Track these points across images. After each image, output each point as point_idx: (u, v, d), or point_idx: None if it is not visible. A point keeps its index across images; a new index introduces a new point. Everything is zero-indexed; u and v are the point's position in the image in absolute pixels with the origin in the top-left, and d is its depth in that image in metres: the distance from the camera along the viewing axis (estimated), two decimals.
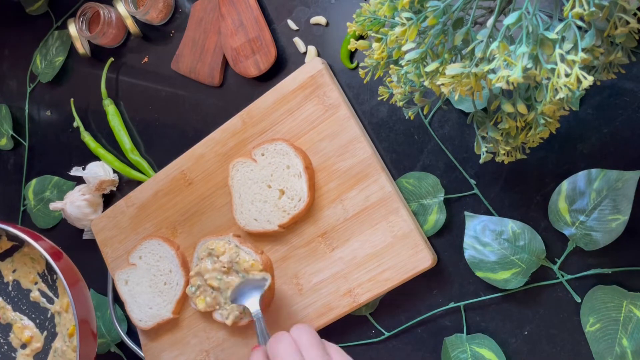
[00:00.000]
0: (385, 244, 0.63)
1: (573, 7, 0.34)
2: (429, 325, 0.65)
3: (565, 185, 0.56)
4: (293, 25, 0.73)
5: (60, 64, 0.90)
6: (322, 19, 0.71)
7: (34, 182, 0.92)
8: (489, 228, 0.60)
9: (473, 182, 0.62)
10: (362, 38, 0.67)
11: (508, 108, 0.43)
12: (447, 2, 0.39)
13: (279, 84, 0.69)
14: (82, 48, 0.87)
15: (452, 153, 0.63)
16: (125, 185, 0.85)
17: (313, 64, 0.67)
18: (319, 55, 0.71)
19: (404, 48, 0.40)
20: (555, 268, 0.58)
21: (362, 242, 0.64)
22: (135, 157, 0.82)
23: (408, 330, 0.66)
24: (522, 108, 0.42)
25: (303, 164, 0.66)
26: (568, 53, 0.35)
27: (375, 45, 0.46)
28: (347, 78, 0.69)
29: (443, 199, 0.63)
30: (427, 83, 0.42)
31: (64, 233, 0.90)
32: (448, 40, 0.41)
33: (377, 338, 0.67)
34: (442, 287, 0.64)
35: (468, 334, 0.62)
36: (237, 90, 0.76)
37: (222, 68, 0.77)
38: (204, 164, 0.74)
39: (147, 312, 0.76)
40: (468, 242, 0.60)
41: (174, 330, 0.76)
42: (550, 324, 0.59)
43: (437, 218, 0.63)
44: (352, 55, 0.69)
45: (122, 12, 0.82)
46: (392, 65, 0.48)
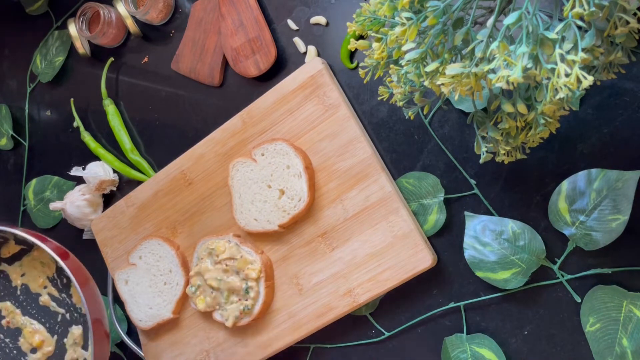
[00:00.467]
0: (385, 244, 0.63)
1: (573, 7, 0.34)
2: (429, 325, 0.65)
3: (565, 185, 0.56)
4: (293, 25, 0.73)
5: (60, 64, 0.90)
6: (322, 19, 0.71)
7: (34, 182, 0.92)
8: (489, 228, 0.60)
9: (473, 182, 0.62)
10: (362, 38, 0.67)
11: (508, 108, 0.43)
12: (447, 2, 0.39)
13: (279, 84, 0.69)
14: (82, 48, 0.87)
15: (452, 153, 0.63)
16: (125, 185, 0.85)
17: (313, 64, 0.67)
18: (319, 55, 0.71)
19: (404, 48, 0.40)
20: (555, 268, 0.58)
21: (362, 242, 0.64)
22: (135, 157, 0.82)
23: (408, 330, 0.66)
24: (522, 108, 0.42)
25: (303, 164, 0.66)
26: (568, 53, 0.35)
27: (375, 45, 0.46)
28: (347, 78, 0.69)
29: (443, 199, 0.63)
30: (427, 83, 0.42)
31: (64, 233, 0.90)
32: (448, 40, 0.41)
33: (377, 338, 0.67)
34: (442, 287, 0.64)
35: (468, 334, 0.62)
36: (237, 90, 0.76)
37: (222, 68, 0.77)
38: (204, 164, 0.74)
39: (147, 312, 0.76)
40: (468, 242, 0.60)
41: (174, 330, 0.76)
42: (550, 324, 0.59)
43: (437, 218, 0.63)
44: (352, 55, 0.69)
45: (122, 12, 0.82)
46: (392, 65, 0.48)
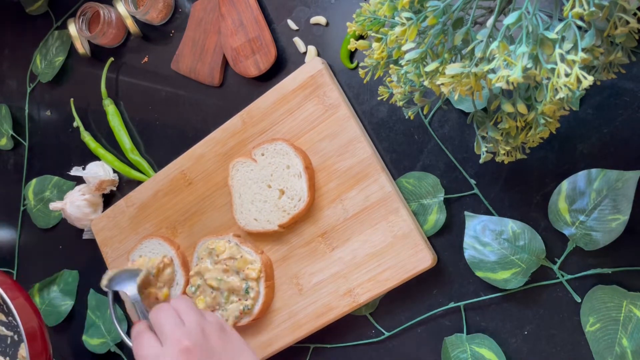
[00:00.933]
0: (385, 244, 0.63)
1: (573, 7, 0.34)
2: (429, 325, 0.65)
3: (565, 185, 0.56)
4: (293, 25, 0.73)
5: (60, 64, 0.90)
6: (322, 19, 0.71)
7: (34, 182, 0.92)
8: (489, 228, 0.60)
9: (473, 182, 0.62)
10: (362, 38, 0.67)
11: (508, 108, 0.43)
12: (447, 2, 0.39)
13: (279, 84, 0.69)
14: (82, 48, 0.87)
15: (452, 153, 0.63)
16: (125, 185, 0.85)
17: (313, 64, 0.67)
18: (319, 55, 0.71)
19: (404, 48, 0.40)
20: (555, 268, 0.58)
21: (362, 242, 0.64)
22: (135, 157, 0.82)
23: (408, 330, 0.66)
24: (522, 108, 0.42)
25: (303, 164, 0.66)
26: (568, 53, 0.35)
27: (375, 45, 0.46)
28: (347, 78, 0.69)
29: (443, 199, 0.63)
30: (427, 83, 0.42)
31: (64, 233, 0.90)
32: (448, 40, 0.41)
33: (377, 338, 0.67)
34: (442, 287, 0.64)
35: (468, 334, 0.62)
36: (237, 90, 0.76)
37: (222, 68, 0.77)
38: (204, 164, 0.74)
39: None
40: (468, 242, 0.60)
41: None
42: (550, 324, 0.59)
43: (437, 218, 0.63)
44: (352, 55, 0.69)
45: (122, 12, 0.82)
46: (392, 65, 0.48)
